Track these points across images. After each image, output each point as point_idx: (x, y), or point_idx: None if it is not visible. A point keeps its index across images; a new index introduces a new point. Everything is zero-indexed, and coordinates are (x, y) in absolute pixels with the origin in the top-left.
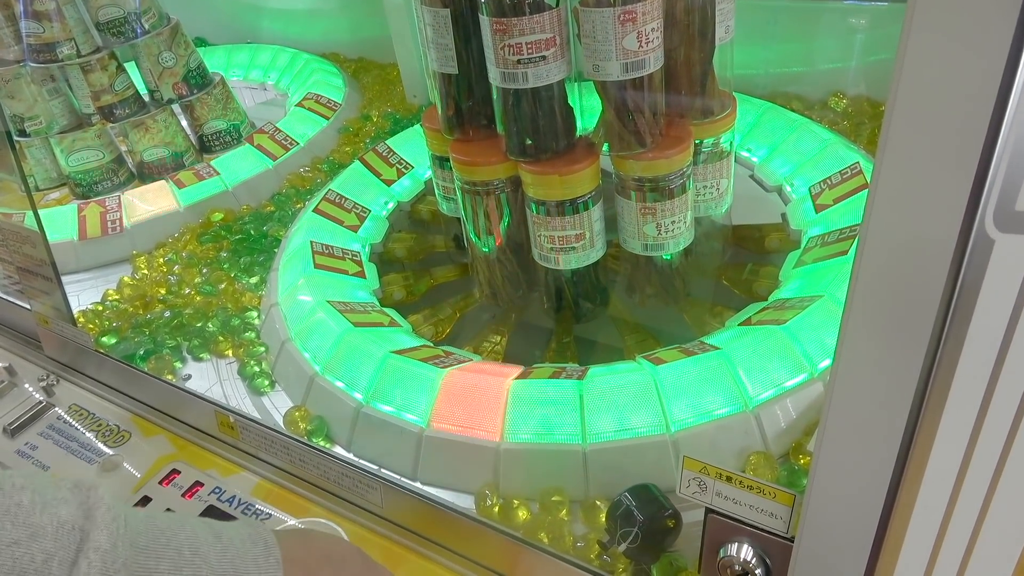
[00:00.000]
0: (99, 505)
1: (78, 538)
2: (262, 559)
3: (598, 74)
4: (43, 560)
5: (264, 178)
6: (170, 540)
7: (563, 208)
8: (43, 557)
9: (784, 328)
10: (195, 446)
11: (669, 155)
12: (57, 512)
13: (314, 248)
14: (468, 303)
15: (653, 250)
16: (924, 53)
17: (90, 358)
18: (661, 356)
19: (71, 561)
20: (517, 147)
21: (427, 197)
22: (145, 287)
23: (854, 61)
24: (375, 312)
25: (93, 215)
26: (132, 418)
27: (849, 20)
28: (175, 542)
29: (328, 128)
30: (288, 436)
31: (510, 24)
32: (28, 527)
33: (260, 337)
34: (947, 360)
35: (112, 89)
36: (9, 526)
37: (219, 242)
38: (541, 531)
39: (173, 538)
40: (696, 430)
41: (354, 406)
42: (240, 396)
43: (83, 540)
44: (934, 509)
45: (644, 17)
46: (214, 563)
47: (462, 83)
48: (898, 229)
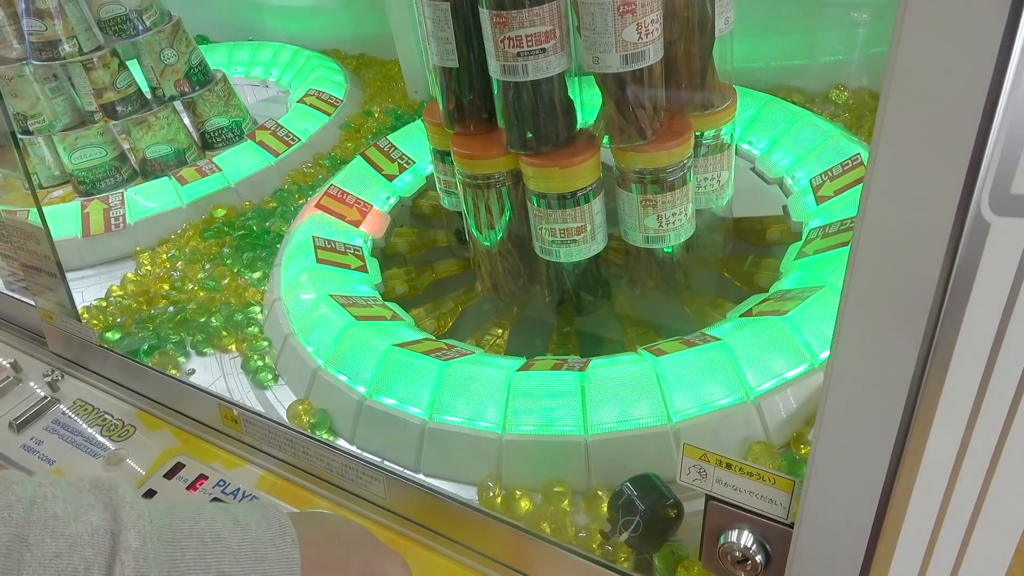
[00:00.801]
0: (123, 505)
1: (111, 542)
2: (279, 539)
3: (598, 66)
4: (85, 568)
5: (266, 174)
6: (192, 529)
7: (564, 201)
8: (84, 566)
9: (785, 319)
10: (199, 439)
11: (670, 147)
12: (89, 519)
13: (316, 243)
14: (470, 297)
15: (654, 242)
16: (918, 37)
17: (94, 353)
18: (662, 347)
19: (107, 564)
20: (518, 140)
21: (429, 192)
22: (148, 283)
23: (856, 54)
24: (377, 306)
25: (96, 212)
26: (136, 412)
27: (851, 13)
28: (197, 530)
29: (330, 124)
30: (292, 429)
31: (510, 17)
32: (67, 538)
33: (263, 332)
34: (944, 345)
35: (114, 87)
36: (49, 540)
37: (222, 238)
38: (543, 521)
39: (195, 527)
40: (697, 420)
41: (357, 399)
42: (244, 390)
43: (115, 543)
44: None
45: (643, 8)
46: (235, 547)
47: (462, 77)
48: (894, 214)
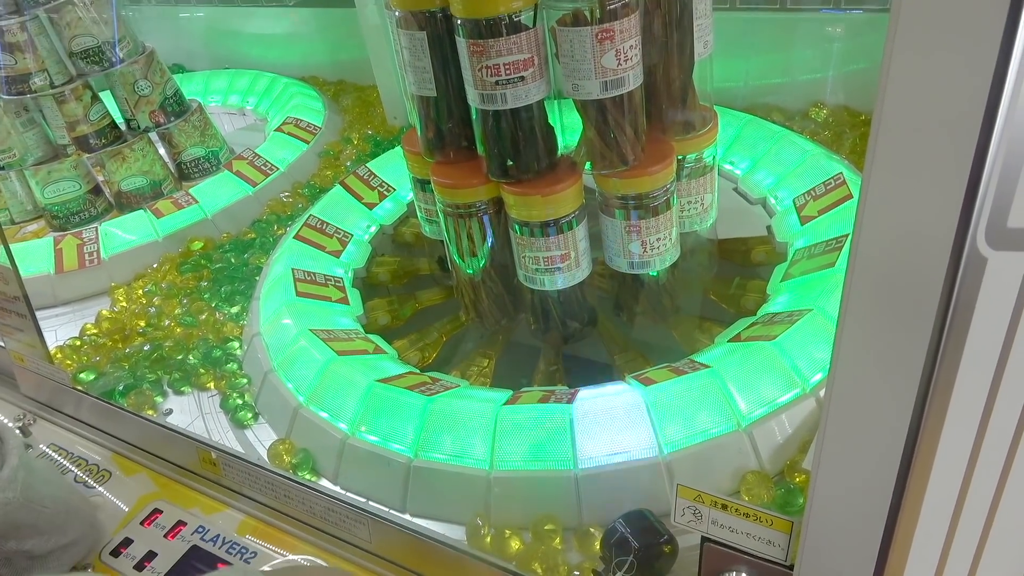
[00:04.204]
0: None
1: None
2: None
3: (577, 93)
4: None
5: (244, 205)
6: None
7: (547, 228)
8: None
9: (774, 344)
10: (177, 483)
11: (652, 172)
12: None
13: (296, 275)
14: (454, 326)
15: (639, 268)
16: (910, 69)
17: (68, 396)
18: (651, 376)
19: None
20: (498, 168)
21: (410, 219)
22: (124, 320)
23: (832, 71)
24: (359, 339)
25: (70, 247)
26: (112, 456)
27: (825, 29)
28: None
29: (308, 152)
30: (272, 472)
31: (487, 46)
32: None
33: (242, 368)
34: (943, 381)
35: (87, 119)
36: None
37: (199, 271)
38: (535, 561)
39: None
40: (689, 451)
41: (340, 437)
42: (223, 430)
43: None
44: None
45: (622, 35)
46: None
47: (441, 105)
48: (888, 250)
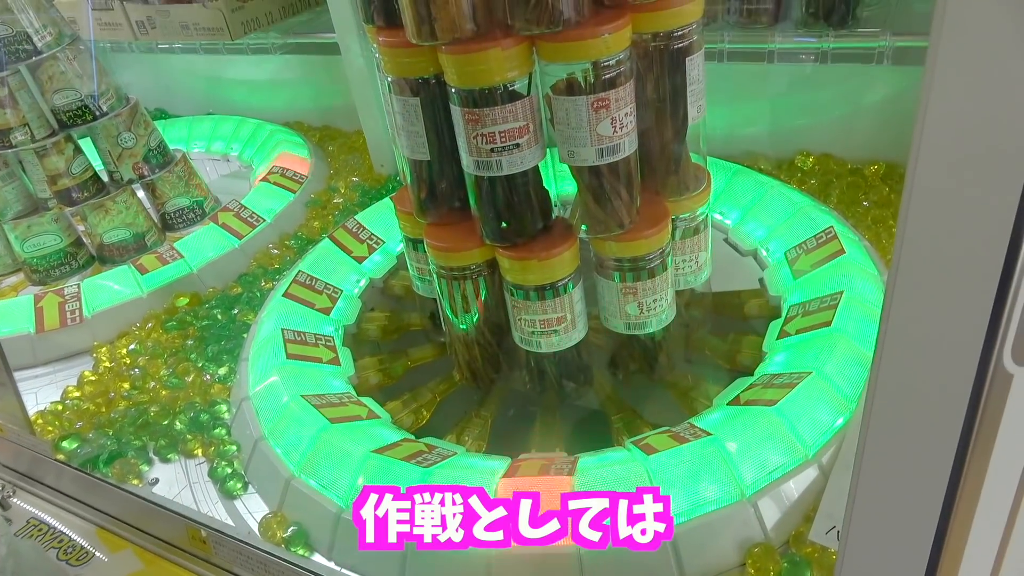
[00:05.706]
0: None
1: None
2: None
3: (573, 160)
4: None
5: (230, 258)
6: None
7: (543, 292)
8: None
9: (775, 409)
10: (165, 561)
11: (648, 235)
12: None
13: (285, 336)
14: (448, 387)
15: (635, 329)
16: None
17: (49, 467)
18: (652, 443)
19: None
20: (493, 232)
21: (400, 272)
22: (107, 382)
23: (815, 119)
24: (352, 403)
25: (51, 305)
26: (96, 531)
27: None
28: None
29: (295, 202)
30: (263, 550)
31: (482, 114)
32: None
33: (231, 434)
34: (967, 499)
35: (69, 173)
36: None
37: (185, 329)
38: None
39: None
40: (693, 524)
41: (334, 511)
42: (211, 500)
43: None
44: None
45: (617, 103)
46: None
47: (434, 167)
48: (912, 366)
